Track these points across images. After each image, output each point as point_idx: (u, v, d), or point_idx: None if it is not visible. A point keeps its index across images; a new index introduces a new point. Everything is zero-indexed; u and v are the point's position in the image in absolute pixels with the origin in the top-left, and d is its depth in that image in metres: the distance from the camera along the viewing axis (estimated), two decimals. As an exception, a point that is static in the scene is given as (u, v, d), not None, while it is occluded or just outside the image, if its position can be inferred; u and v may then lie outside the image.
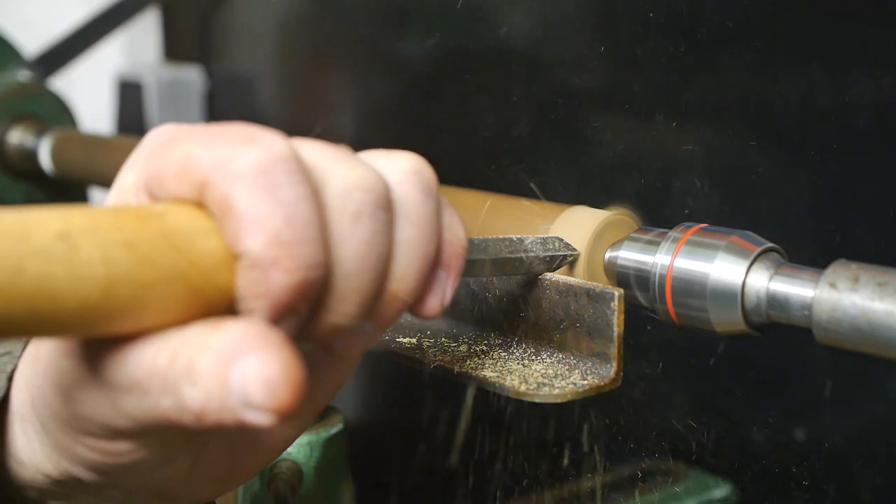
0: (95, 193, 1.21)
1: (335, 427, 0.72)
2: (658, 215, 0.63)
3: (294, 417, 0.39)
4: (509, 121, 1.18)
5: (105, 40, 1.52)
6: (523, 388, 0.52)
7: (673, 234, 0.55)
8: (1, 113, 1.08)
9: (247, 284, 0.38)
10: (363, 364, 1.54)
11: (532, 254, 0.54)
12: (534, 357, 0.56)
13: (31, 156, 1.08)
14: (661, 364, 1.04)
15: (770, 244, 0.53)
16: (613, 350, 0.53)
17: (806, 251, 0.57)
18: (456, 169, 1.23)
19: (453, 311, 0.60)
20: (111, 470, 0.43)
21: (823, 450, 0.95)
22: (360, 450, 0.82)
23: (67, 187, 1.15)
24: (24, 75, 1.19)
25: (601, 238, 0.57)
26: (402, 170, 0.47)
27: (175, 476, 0.46)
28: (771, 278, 0.51)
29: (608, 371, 0.53)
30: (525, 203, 0.61)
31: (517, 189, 0.66)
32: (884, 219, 0.88)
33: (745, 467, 0.99)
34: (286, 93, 1.55)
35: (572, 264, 0.57)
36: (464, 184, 0.67)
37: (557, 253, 0.55)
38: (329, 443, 0.71)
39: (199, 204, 0.39)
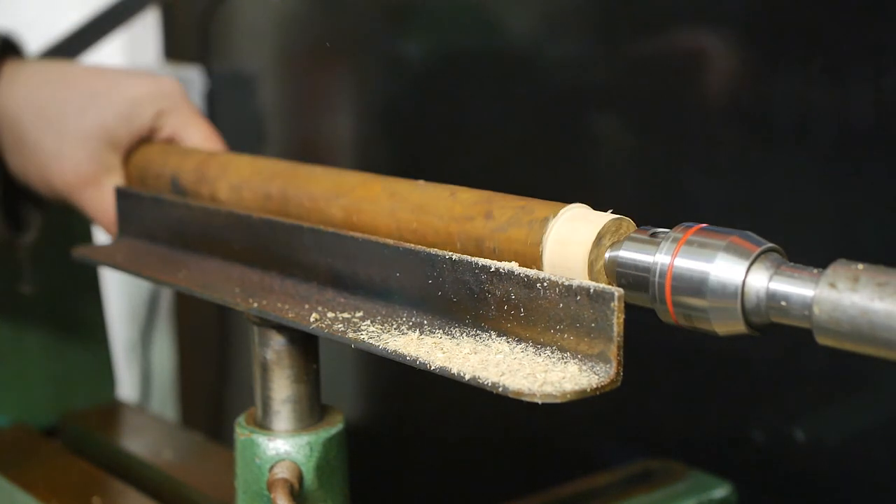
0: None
1: (335, 427, 0.72)
2: (658, 215, 0.63)
3: None
4: (509, 120, 1.18)
5: (105, 40, 1.52)
6: (524, 388, 0.52)
7: (673, 233, 0.55)
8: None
9: None
10: (363, 364, 1.54)
11: None
12: (533, 357, 0.56)
13: (31, 156, 1.09)
14: (660, 364, 1.04)
15: (770, 244, 0.53)
16: (613, 350, 0.52)
17: (806, 251, 0.57)
18: (456, 168, 1.23)
19: (454, 312, 0.60)
20: None
21: (823, 450, 0.95)
22: (360, 450, 0.82)
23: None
24: (24, 75, 1.19)
25: (601, 238, 0.57)
26: None
27: None
28: (771, 278, 0.51)
29: (608, 371, 0.53)
30: (525, 201, 0.61)
31: (517, 188, 0.66)
32: (884, 218, 0.88)
33: (745, 467, 0.99)
34: (286, 93, 1.55)
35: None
36: (463, 182, 0.67)
37: None
38: (329, 443, 0.71)
39: None
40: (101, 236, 1.16)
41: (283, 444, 0.70)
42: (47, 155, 0.90)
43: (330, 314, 0.65)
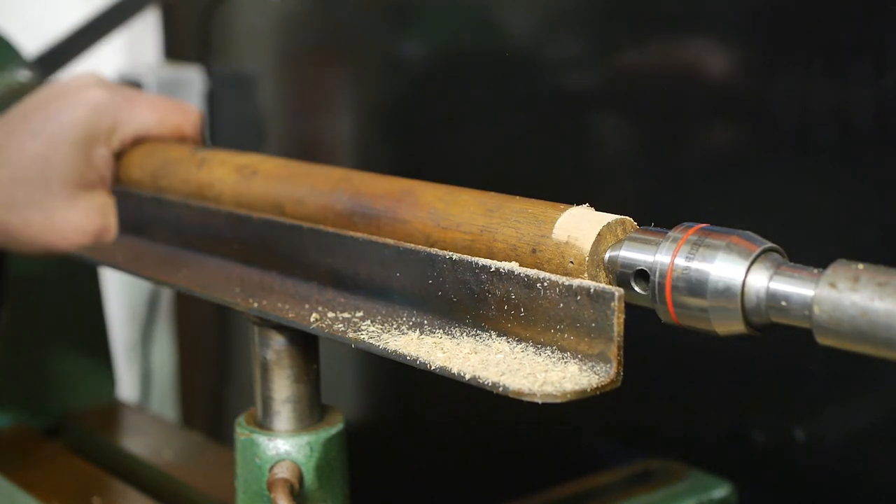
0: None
1: (335, 427, 0.72)
2: (658, 215, 0.63)
3: None
4: (509, 121, 1.18)
5: (105, 40, 1.52)
6: (524, 387, 0.52)
7: (673, 233, 0.55)
8: (1, 113, 1.08)
9: None
10: (363, 364, 1.54)
11: None
12: (534, 357, 0.56)
13: (31, 156, 1.08)
14: (660, 364, 1.04)
15: (770, 244, 0.53)
16: (613, 350, 0.52)
17: (806, 251, 0.57)
18: (456, 168, 1.23)
19: (454, 312, 0.60)
20: None
21: (823, 450, 0.95)
22: (360, 450, 0.82)
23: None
24: (24, 75, 1.19)
25: (602, 238, 0.57)
26: None
27: None
28: (771, 278, 0.51)
29: (608, 371, 0.53)
30: (526, 202, 0.61)
31: (517, 188, 0.66)
32: (884, 218, 0.88)
33: (745, 467, 0.99)
34: (286, 93, 1.55)
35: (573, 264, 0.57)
36: (464, 183, 0.67)
37: None
38: (329, 443, 0.71)
39: None
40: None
41: (283, 444, 0.70)
42: (44, 232, 0.87)
43: (330, 314, 0.65)
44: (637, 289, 0.56)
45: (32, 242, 0.87)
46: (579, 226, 0.57)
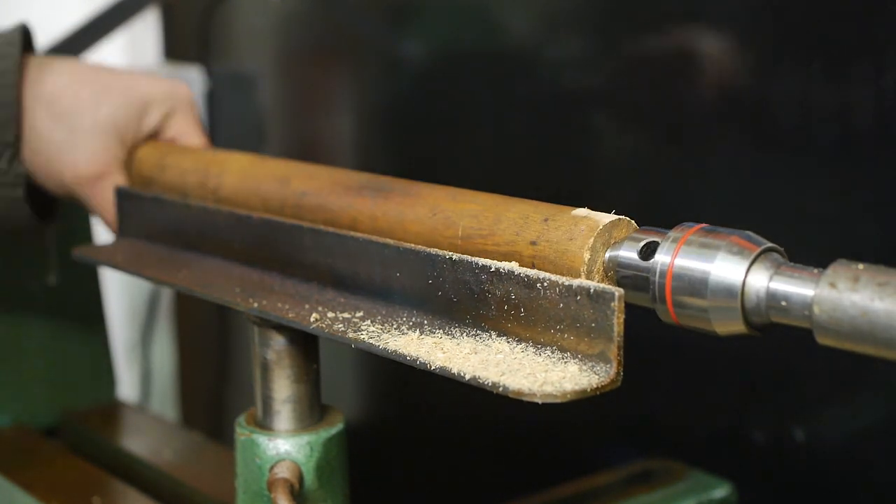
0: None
1: (335, 427, 0.72)
2: (658, 215, 0.63)
3: None
4: (509, 121, 1.18)
5: (105, 40, 1.52)
6: (524, 387, 0.52)
7: (673, 234, 0.55)
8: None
9: None
10: (363, 364, 1.54)
11: None
12: (534, 357, 0.56)
13: (31, 156, 1.09)
14: (661, 364, 1.04)
15: (770, 244, 0.53)
16: (613, 350, 0.52)
17: (806, 251, 0.58)
18: (456, 168, 1.23)
19: (454, 312, 0.60)
20: None
21: (823, 450, 0.95)
22: (360, 450, 0.82)
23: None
24: (24, 75, 1.19)
25: (603, 237, 0.57)
26: None
27: None
28: (771, 278, 0.51)
29: (608, 371, 0.53)
30: (526, 203, 0.61)
31: (517, 189, 0.66)
32: (884, 218, 0.88)
33: (745, 467, 0.99)
34: (286, 93, 1.55)
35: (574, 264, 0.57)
36: (464, 183, 0.67)
37: None
38: (329, 443, 0.71)
39: None
40: (101, 236, 1.16)
41: (283, 444, 0.70)
42: (58, 147, 0.90)
43: (330, 314, 0.65)
44: (639, 296, 0.56)
45: (48, 161, 0.90)
46: (580, 225, 0.57)
